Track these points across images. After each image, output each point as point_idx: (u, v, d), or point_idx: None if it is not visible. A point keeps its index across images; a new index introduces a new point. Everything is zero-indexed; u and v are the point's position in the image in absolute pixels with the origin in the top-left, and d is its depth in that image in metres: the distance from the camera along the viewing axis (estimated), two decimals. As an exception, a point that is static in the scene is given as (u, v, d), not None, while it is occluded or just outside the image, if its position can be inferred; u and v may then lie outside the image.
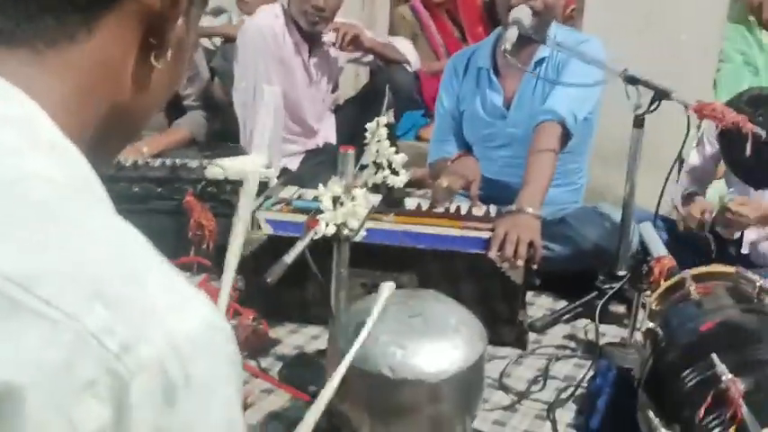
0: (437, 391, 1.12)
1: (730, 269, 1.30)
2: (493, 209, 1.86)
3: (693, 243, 2.13)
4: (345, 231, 1.40)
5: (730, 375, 0.96)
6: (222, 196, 2.12)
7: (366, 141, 1.56)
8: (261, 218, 1.75)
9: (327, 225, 1.38)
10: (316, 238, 1.39)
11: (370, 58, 2.59)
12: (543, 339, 1.81)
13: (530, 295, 1.94)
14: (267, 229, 1.74)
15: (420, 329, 1.16)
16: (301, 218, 1.73)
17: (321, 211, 1.39)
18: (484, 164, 2.13)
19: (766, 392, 0.94)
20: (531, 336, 1.80)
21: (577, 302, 1.90)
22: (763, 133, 1.97)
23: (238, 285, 1.89)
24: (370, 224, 1.46)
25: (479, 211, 1.86)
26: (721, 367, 0.97)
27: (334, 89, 2.75)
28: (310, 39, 2.54)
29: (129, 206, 2.05)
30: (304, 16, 2.42)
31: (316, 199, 1.41)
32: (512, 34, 1.82)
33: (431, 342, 1.14)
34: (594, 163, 2.31)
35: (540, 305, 2.00)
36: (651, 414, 1.05)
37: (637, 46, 2.67)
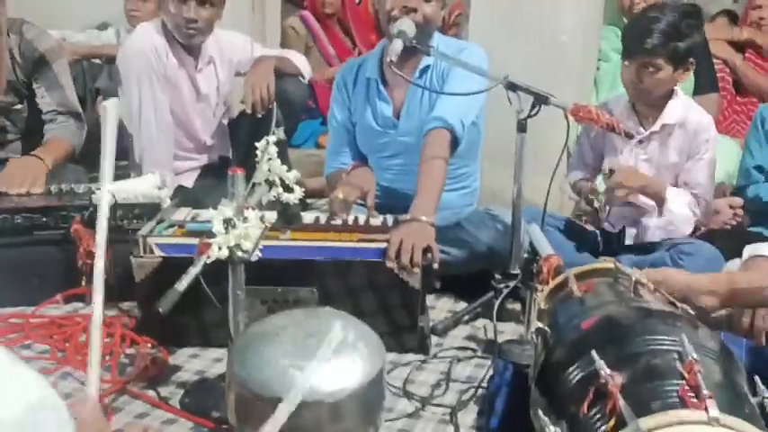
0: (338, 410, 1.13)
1: (610, 265, 1.38)
2: (390, 219, 1.89)
3: (582, 239, 2.24)
4: (239, 253, 1.39)
5: (608, 370, 1.01)
6: (112, 222, 2.03)
7: (257, 159, 1.54)
8: (152, 243, 1.70)
9: (220, 248, 1.36)
10: (209, 262, 1.37)
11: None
12: (445, 342, 1.86)
13: (430, 299, 1.99)
14: (159, 255, 1.69)
15: (317, 349, 1.16)
16: (196, 241, 1.69)
17: (213, 235, 1.37)
18: (378, 173, 2.16)
19: (641, 384, 1.00)
20: (434, 339, 1.84)
21: (476, 303, 1.96)
22: (635, 135, 2.14)
23: (134, 313, 1.84)
24: (266, 241, 1.45)
25: (376, 221, 1.89)
26: (600, 363, 1.02)
27: (225, 102, 2.71)
28: (194, 52, 2.49)
29: (11, 239, 1.95)
30: (178, 30, 2.37)
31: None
32: (396, 47, 1.85)
33: (329, 361, 1.15)
34: (485, 165, 2.38)
35: (440, 308, 2.04)
36: (540, 412, 1.10)
37: (521, 49, 2.78)
